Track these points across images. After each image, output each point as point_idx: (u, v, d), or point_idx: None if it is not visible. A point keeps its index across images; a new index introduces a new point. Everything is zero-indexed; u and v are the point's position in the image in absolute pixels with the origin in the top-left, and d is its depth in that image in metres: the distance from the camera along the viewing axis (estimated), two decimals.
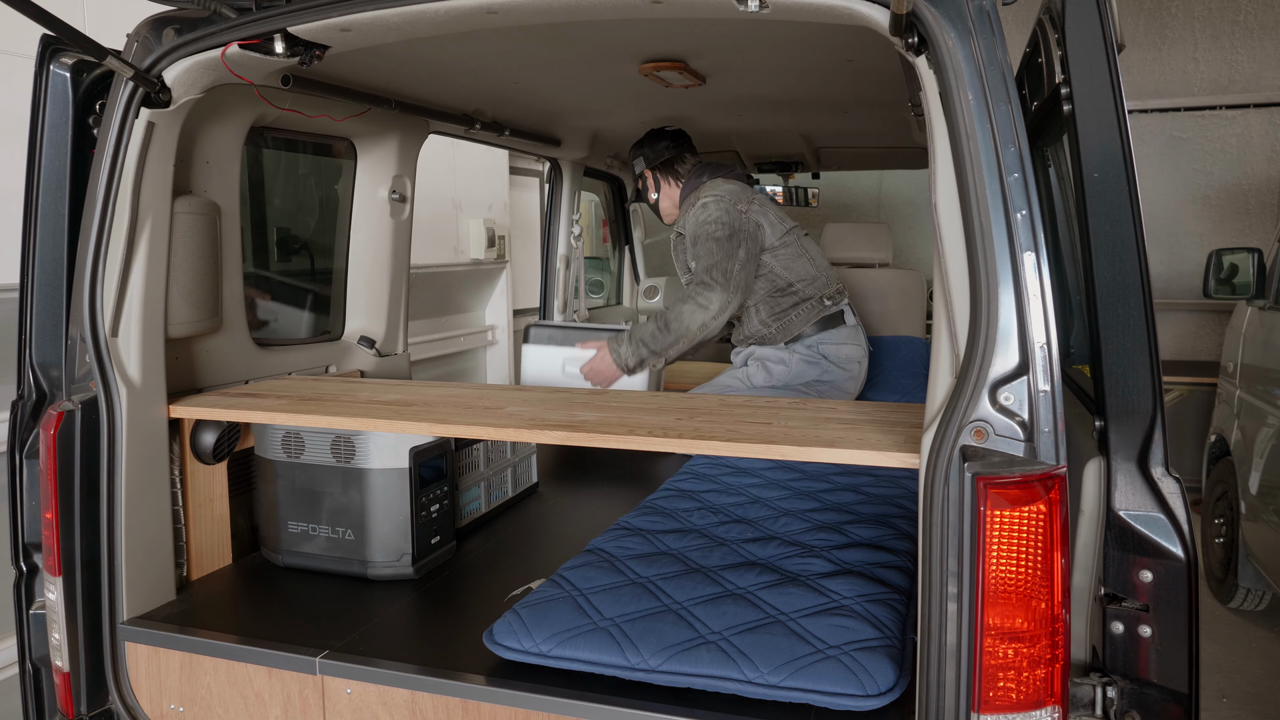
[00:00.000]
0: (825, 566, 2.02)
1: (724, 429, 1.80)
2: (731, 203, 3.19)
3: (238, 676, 1.91)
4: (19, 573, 2.02)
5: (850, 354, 3.34)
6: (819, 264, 3.36)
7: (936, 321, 1.53)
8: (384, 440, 2.21)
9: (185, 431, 2.20)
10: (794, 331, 3.27)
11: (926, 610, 1.44)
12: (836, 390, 3.33)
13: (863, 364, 3.40)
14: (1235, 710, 3.53)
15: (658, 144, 3.45)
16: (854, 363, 3.35)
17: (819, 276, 3.32)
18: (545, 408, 2.07)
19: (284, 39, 1.86)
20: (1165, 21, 6.58)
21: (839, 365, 3.31)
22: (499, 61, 2.50)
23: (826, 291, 3.33)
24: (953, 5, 1.44)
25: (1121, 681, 1.45)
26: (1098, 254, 1.47)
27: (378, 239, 3.07)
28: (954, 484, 1.40)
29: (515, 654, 1.77)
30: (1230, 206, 6.56)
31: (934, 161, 1.49)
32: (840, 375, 3.32)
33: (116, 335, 1.99)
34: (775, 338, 3.30)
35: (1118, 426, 1.44)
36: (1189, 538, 1.41)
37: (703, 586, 1.93)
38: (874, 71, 2.58)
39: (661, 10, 1.73)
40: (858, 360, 3.37)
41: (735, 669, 1.65)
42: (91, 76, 1.98)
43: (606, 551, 2.15)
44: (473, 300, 6.16)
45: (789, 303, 3.27)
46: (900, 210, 8.11)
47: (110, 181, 1.94)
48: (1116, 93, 1.47)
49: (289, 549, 2.32)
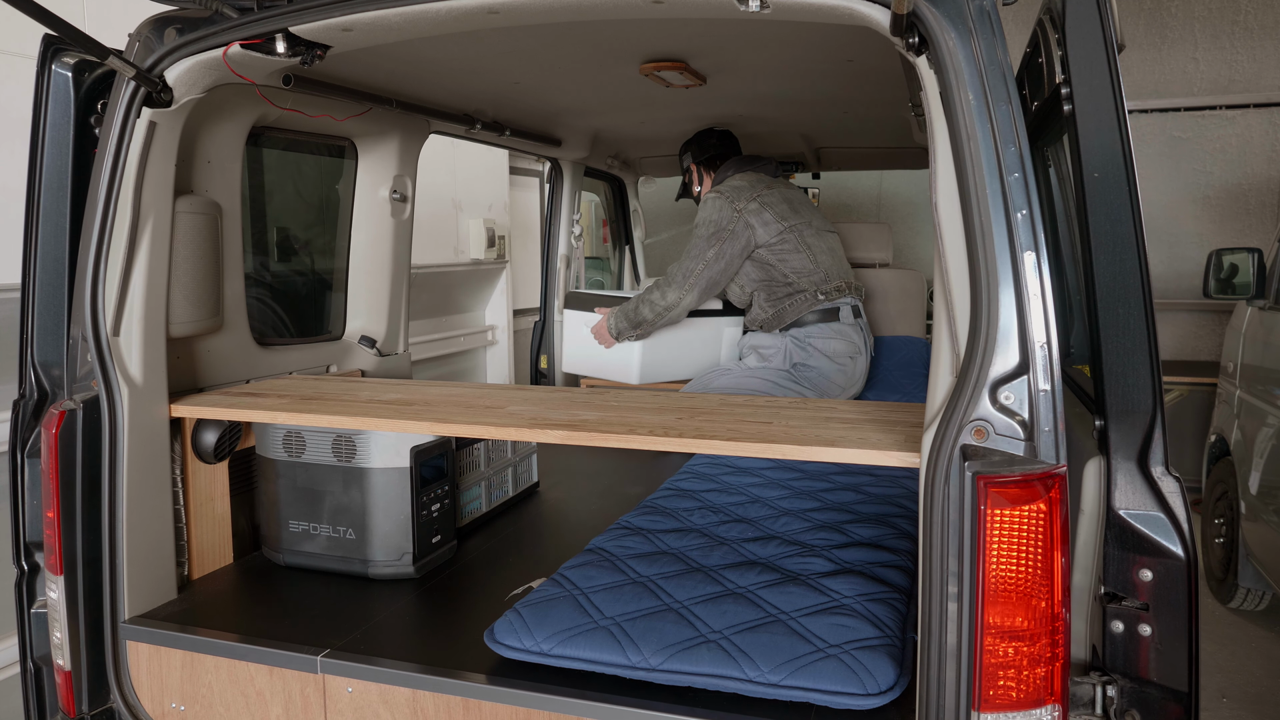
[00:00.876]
0: (825, 566, 2.02)
1: (725, 428, 1.80)
2: (729, 200, 3.44)
3: (239, 675, 1.91)
4: (20, 571, 2.02)
5: (838, 349, 3.48)
6: (820, 260, 3.53)
7: (937, 321, 1.53)
8: (385, 439, 2.21)
9: (186, 431, 2.20)
10: (786, 320, 3.53)
11: (927, 609, 1.44)
12: (824, 379, 3.47)
13: (855, 360, 3.49)
14: (1235, 710, 3.53)
15: (706, 141, 3.77)
16: (844, 357, 3.48)
17: (816, 271, 3.50)
18: (546, 407, 2.07)
19: (285, 39, 1.87)
20: (1165, 21, 6.58)
21: (828, 356, 3.47)
22: (500, 61, 2.50)
23: (823, 287, 3.50)
24: (953, 5, 1.45)
25: (1121, 680, 1.45)
26: (1098, 254, 1.47)
27: (378, 239, 3.08)
28: (954, 483, 1.40)
29: (516, 653, 1.77)
30: (1230, 206, 6.56)
31: (934, 161, 1.50)
32: (828, 365, 3.47)
33: (118, 334, 1.99)
34: (770, 324, 3.58)
35: (1118, 426, 1.45)
36: (1189, 537, 1.41)
37: (703, 585, 1.94)
38: (874, 71, 2.59)
39: (662, 10, 1.73)
40: (848, 355, 3.49)
41: (736, 668, 1.65)
42: (93, 76, 1.98)
43: (607, 551, 2.15)
44: (473, 300, 6.16)
45: (783, 293, 3.51)
46: (900, 210, 8.11)
47: (112, 181, 1.94)
48: (1117, 93, 1.47)
49: (290, 548, 2.32)
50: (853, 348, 3.51)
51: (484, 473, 2.68)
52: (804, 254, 3.48)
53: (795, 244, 3.48)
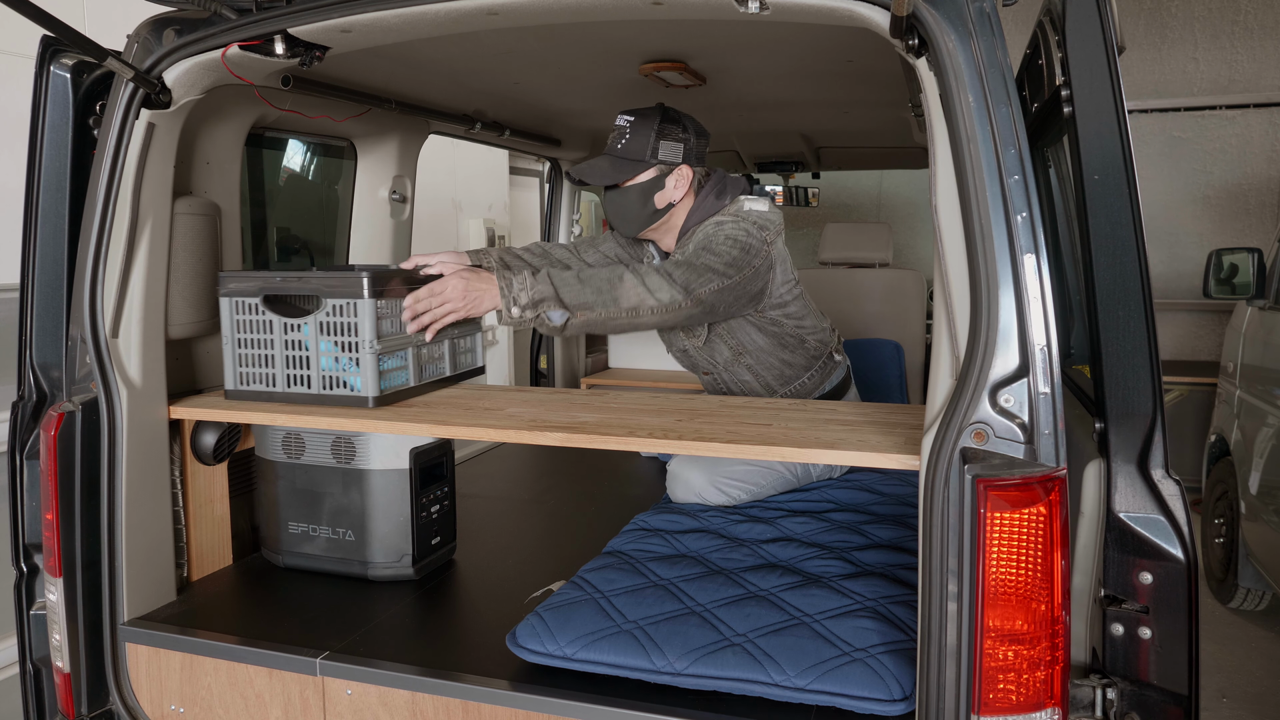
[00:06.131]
0: (846, 568, 2.02)
1: (724, 430, 1.80)
2: (759, 228, 2.38)
3: (238, 677, 1.91)
4: (19, 573, 2.02)
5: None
6: (820, 314, 2.71)
7: (937, 323, 1.53)
8: (384, 441, 2.21)
9: (186, 432, 2.20)
10: (825, 388, 2.69)
11: (927, 612, 1.44)
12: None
13: None
14: (1235, 710, 3.53)
15: (701, 139, 2.50)
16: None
17: (825, 327, 2.68)
18: (546, 409, 2.07)
19: (284, 40, 1.86)
20: (1165, 21, 6.58)
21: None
22: (499, 62, 2.50)
23: (834, 344, 2.71)
24: (953, 7, 1.44)
25: (1121, 683, 1.45)
26: (1098, 255, 1.47)
27: (378, 239, 3.07)
28: (954, 486, 1.40)
29: (539, 657, 1.77)
30: (1230, 206, 6.56)
31: (934, 163, 1.49)
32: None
33: (117, 336, 1.99)
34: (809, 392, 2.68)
35: (1118, 428, 1.45)
36: (1189, 540, 1.41)
37: (725, 588, 1.93)
38: (874, 72, 2.58)
39: (662, 11, 1.73)
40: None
41: (762, 671, 1.64)
42: (92, 77, 1.98)
43: (626, 553, 2.14)
44: None
45: (800, 362, 2.59)
46: (900, 210, 8.11)
47: (110, 182, 1.94)
48: (1117, 94, 1.47)
49: (289, 550, 2.32)
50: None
51: (411, 338, 2.19)
52: (811, 309, 2.63)
53: (804, 296, 2.61)
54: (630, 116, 2.42)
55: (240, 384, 2.17)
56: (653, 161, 2.40)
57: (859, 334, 4.22)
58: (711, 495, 2.49)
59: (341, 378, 2.10)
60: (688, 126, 2.45)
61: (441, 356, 2.34)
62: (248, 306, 2.13)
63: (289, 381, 2.13)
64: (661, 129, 2.40)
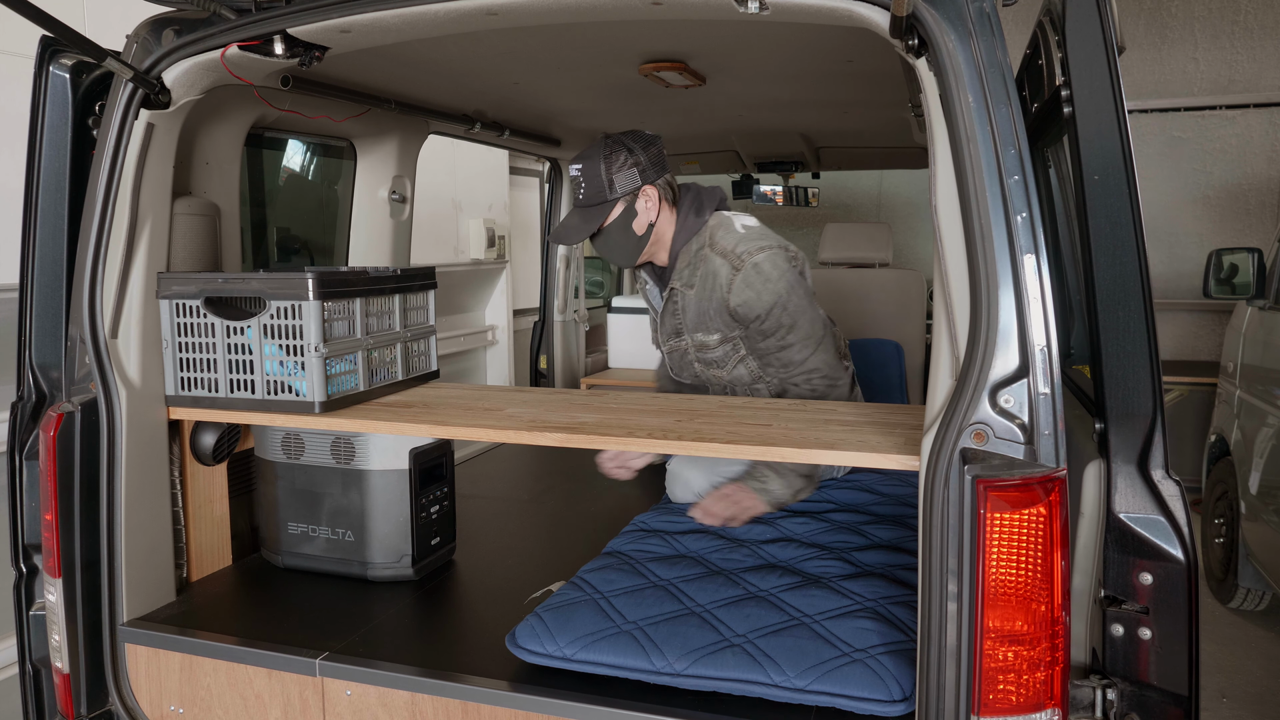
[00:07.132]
0: (845, 568, 2.01)
1: (724, 430, 1.80)
2: (784, 250, 2.39)
3: (238, 678, 1.91)
4: (19, 574, 2.02)
5: None
6: (830, 319, 2.61)
7: (936, 323, 1.53)
8: (384, 441, 2.21)
9: (185, 433, 2.20)
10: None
11: (926, 613, 1.44)
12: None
13: None
14: (1235, 710, 3.53)
15: (651, 148, 2.40)
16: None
17: (835, 332, 2.59)
18: (545, 409, 2.07)
19: (284, 40, 1.86)
20: (1165, 21, 6.58)
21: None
22: (499, 62, 2.50)
23: (842, 349, 2.63)
24: (953, 7, 1.44)
25: (1121, 684, 1.45)
26: (1098, 255, 1.47)
27: (378, 239, 3.07)
28: (954, 486, 1.40)
29: (539, 658, 1.77)
30: (1230, 206, 6.56)
31: (934, 164, 1.49)
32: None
33: (116, 336, 1.99)
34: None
35: (1118, 429, 1.44)
36: (1189, 540, 1.41)
37: (724, 589, 1.93)
38: (874, 72, 2.58)
39: (661, 11, 1.73)
40: None
41: (761, 672, 1.64)
42: (91, 78, 1.98)
43: (625, 553, 2.14)
44: (473, 300, 6.16)
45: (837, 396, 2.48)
46: (900, 210, 8.11)
47: (110, 182, 1.94)
48: (1117, 94, 1.47)
49: (289, 550, 2.32)
50: None
51: (361, 341, 2.17)
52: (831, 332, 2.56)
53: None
54: (578, 164, 2.38)
55: (181, 389, 2.10)
56: (615, 196, 2.35)
57: (859, 334, 4.22)
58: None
59: (287, 382, 2.05)
60: (633, 148, 2.37)
61: (394, 360, 2.32)
62: (188, 309, 2.06)
63: (232, 386, 2.07)
64: (609, 162, 2.34)
